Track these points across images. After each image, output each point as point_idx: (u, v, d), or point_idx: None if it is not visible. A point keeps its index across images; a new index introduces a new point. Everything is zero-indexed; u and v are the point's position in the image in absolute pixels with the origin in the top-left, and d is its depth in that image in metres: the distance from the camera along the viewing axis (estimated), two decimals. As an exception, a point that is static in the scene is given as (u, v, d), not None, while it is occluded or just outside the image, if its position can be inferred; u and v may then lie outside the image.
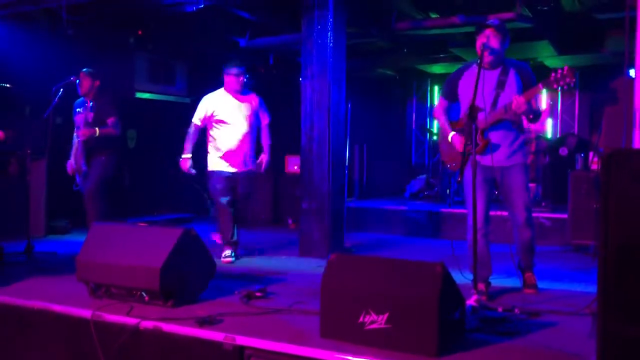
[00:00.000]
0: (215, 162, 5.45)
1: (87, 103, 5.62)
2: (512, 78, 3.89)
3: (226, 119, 5.37)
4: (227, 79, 5.46)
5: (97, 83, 5.69)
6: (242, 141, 5.38)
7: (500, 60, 3.91)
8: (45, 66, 6.82)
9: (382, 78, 10.99)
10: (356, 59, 8.41)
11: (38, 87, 6.20)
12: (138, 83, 8.46)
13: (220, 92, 5.51)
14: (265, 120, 5.61)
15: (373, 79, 10.85)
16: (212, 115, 5.41)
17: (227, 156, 5.39)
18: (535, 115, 3.90)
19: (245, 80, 5.50)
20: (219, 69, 5.66)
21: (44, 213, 6.81)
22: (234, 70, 5.42)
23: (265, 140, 5.63)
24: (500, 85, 3.88)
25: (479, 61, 3.68)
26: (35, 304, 3.60)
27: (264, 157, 5.61)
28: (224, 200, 5.37)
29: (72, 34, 6.63)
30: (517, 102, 3.69)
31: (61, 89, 5.46)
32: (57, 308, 3.51)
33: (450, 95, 4.16)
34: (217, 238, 5.63)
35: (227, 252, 5.33)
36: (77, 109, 5.72)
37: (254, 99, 5.56)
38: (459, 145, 3.95)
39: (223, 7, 6.81)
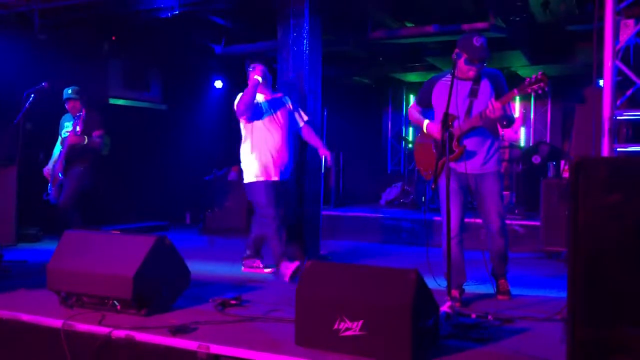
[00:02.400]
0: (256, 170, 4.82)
1: (79, 115, 5.61)
2: (484, 86, 3.95)
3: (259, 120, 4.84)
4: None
5: (84, 97, 5.71)
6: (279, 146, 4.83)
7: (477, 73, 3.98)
8: (16, 71, 6.70)
9: (358, 86, 11.05)
10: (332, 67, 8.45)
11: (9, 92, 6.09)
12: (112, 89, 8.37)
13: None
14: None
15: (349, 87, 10.91)
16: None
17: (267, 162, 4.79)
18: (509, 121, 3.96)
19: (265, 76, 4.80)
20: (194, 75, 5.61)
21: (14, 221, 6.67)
22: (250, 66, 4.87)
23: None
24: (473, 93, 3.93)
25: (452, 70, 3.73)
26: (3, 313, 3.51)
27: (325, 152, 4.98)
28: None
29: (44, 38, 6.54)
30: (493, 106, 3.74)
31: (32, 95, 5.39)
32: (27, 318, 3.43)
33: (424, 101, 4.20)
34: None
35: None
36: (66, 123, 5.71)
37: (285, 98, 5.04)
38: (436, 132, 3.96)
39: (198, 13, 6.79)
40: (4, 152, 6.09)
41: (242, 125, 4.96)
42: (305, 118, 5.08)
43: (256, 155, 4.82)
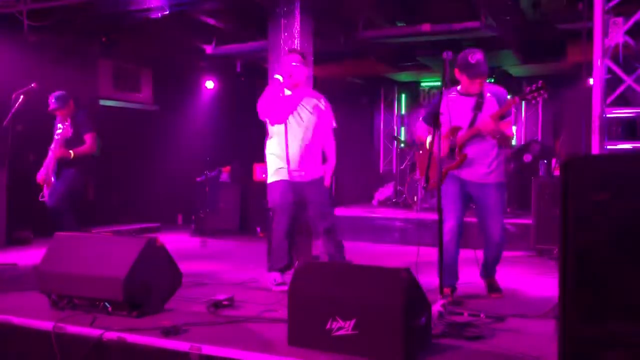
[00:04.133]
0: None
1: (68, 120, 5.55)
2: (489, 101, 4.00)
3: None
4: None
5: (71, 100, 5.61)
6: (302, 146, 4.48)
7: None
8: (5, 72, 6.66)
9: (349, 86, 11.05)
10: (323, 66, 8.44)
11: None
12: (102, 90, 8.33)
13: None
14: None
15: (341, 87, 10.91)
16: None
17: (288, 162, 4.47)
18: (504, 139, 3.99)
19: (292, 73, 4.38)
20: (185, 76, 5.57)
21: (4, 223, 6.63)
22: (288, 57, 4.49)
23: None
24: (478, 106, 4.00)
25: (443, 79, 3.78)
26: (-7, 316, 3.49)
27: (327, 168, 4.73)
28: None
29: (33, 39, 6.49)
30: (484, 120, 3.82)
31: (21, 96, 5.34)
32: (17, 320, 3.41)
33: (430, 120, 4.20)
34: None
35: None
36: (59, 125, 5.64)
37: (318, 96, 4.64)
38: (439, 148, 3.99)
39: (189, 13, 6.77)
40: (-7, 153, 6.04)
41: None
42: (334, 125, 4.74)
43: (273, 154, 4.54)
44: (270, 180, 4.55)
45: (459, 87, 4.04)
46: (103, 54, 8.11)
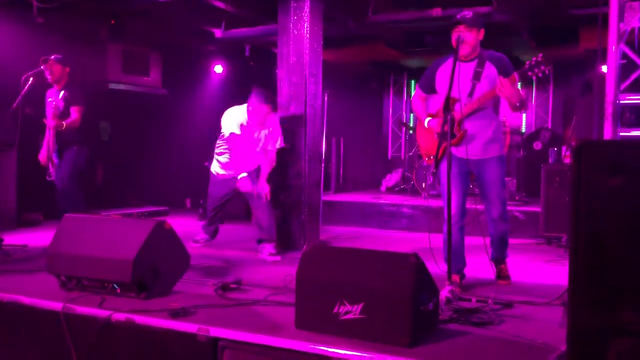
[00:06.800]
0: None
1: (58, 92, 5.52)
2: (488, 69, 3.89)
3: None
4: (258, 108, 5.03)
5: (68, 69, 5.58)
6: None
7: (476, 52, 3.92)
8: (14, 55, 6.65)
9: (358, 71, 10.99)
10: (332, 51, 8.39)
11: (7, 76, 6.05)
12: (111, 74, 8.32)
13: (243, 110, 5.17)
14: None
15: (349, 72, 10.85)
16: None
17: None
18: (522, 101, 3.85)
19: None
20: (194, 60, 5.55)
21: (14, 205, 6.67)
22: (264, 105, 5.01)
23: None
24: (477, 76, 3.88)
25: (454, 54, 3.69)
26: (4, 296, 3.52)
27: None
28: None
29: (42, 22, 6.48)
30: (501, 82, 3.68)
31: (31, 78, 5.33)
32: (27, 301, 3.44)
33: (427, 87, 4.16)
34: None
35: None
36: (49, 99, 5.60)
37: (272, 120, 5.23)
38: (437, 126, 3.94)
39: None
40: (3, 136, 6.05)
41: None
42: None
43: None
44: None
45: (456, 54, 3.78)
46: (112, 37, 8.07)
